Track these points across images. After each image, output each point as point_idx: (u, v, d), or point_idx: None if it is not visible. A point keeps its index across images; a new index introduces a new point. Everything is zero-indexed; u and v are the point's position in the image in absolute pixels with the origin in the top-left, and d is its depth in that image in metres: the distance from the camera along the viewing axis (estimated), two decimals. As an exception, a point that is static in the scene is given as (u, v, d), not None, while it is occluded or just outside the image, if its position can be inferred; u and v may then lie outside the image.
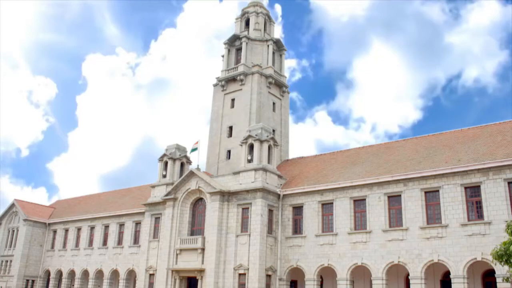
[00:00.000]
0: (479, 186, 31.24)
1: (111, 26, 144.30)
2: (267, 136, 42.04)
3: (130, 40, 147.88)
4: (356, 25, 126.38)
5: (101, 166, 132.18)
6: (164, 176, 47.45)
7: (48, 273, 59.34)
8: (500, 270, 27.15)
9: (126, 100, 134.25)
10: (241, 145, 42.74)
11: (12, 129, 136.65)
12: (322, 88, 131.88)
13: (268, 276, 38.09)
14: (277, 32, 54.50)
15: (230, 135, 50.05)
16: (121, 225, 52.72)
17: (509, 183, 30.19)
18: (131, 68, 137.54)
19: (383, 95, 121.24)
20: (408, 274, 32.81)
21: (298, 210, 39.70)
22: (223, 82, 52.15)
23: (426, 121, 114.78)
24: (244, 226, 39.43)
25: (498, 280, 28.17)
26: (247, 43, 52.62)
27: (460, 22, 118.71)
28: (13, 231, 61.60)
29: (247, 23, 55.66)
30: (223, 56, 54.25)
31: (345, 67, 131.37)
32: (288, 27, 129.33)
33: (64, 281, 56.43)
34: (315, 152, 63.22)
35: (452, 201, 31.82)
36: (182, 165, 48.27)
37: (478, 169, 31.23)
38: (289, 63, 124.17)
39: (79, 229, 57.37)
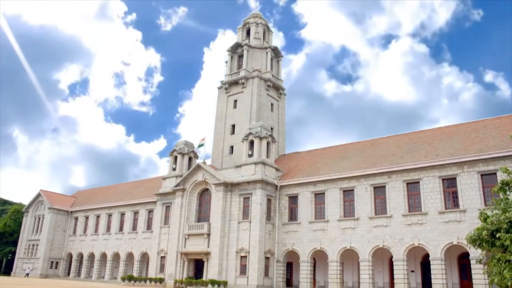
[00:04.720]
0: (455, 178, 31.25)
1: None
2: (266, 134, 42.01)
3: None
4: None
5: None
6: (174, 169, 47.46)
7: (70, 255, 59.50)
8: (474, 253, 27.16)
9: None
10: (243, 142, 42.71)
11: (133, 81, 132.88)
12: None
13: (267, 258, 38.15)
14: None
15: (232, 132, 49.98)
16: (136, 213, 52.75)
17: (482, 175, 30.19)
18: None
19: None
20: (392, 257, 32.93)
21: (293, 199, 39.68)
22: (226, 85, 52.05)
23: None
24: (245, 213, 39.45)
25: (472, 262, 28.25)
26: (248, 50, 52.47)
27: None
28: (39, 218, 61.73)
29: (248, 33, 55.49)
30: (226, 62, 54.16)
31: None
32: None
33: (85, 262, 56.61)
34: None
35: (431, 191, 31.85)
36: (190, 159, 48.25)
37: (454, 163, 31.24)
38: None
39: (98, 217, 57.45)
